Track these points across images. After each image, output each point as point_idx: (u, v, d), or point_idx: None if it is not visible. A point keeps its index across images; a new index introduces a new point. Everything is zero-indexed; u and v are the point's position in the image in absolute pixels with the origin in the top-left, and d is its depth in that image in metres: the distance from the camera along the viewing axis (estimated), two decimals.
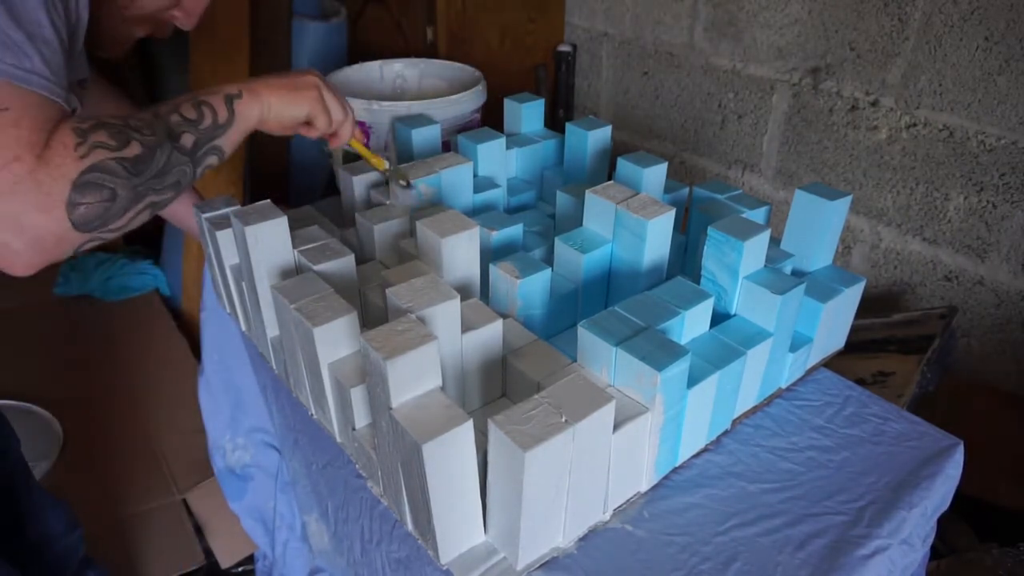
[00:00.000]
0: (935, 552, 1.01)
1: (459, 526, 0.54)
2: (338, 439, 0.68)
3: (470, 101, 1.07)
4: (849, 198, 0.72)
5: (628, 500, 0.62)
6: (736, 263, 0.65)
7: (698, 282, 0.69)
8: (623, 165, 0.82)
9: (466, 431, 0.49)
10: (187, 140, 0.63)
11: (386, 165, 0.85)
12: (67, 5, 0.60)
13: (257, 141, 1.56)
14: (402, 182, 0.80)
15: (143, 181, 0.59)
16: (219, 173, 1.59)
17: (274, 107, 0.72)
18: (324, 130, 0.79)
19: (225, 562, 1.37)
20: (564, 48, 1.84)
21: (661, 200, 0.71)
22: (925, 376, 1.13)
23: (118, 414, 1.56)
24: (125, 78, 1.87)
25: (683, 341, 0.63)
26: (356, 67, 1.20)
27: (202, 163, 0.66)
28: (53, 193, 0.53)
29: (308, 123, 0.78)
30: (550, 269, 0.69)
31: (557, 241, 0.73)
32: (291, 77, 0.75)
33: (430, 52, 1.64)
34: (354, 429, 0.63)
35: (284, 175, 1.77)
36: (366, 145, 0.88)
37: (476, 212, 0.86)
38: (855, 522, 0.61)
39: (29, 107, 0.54)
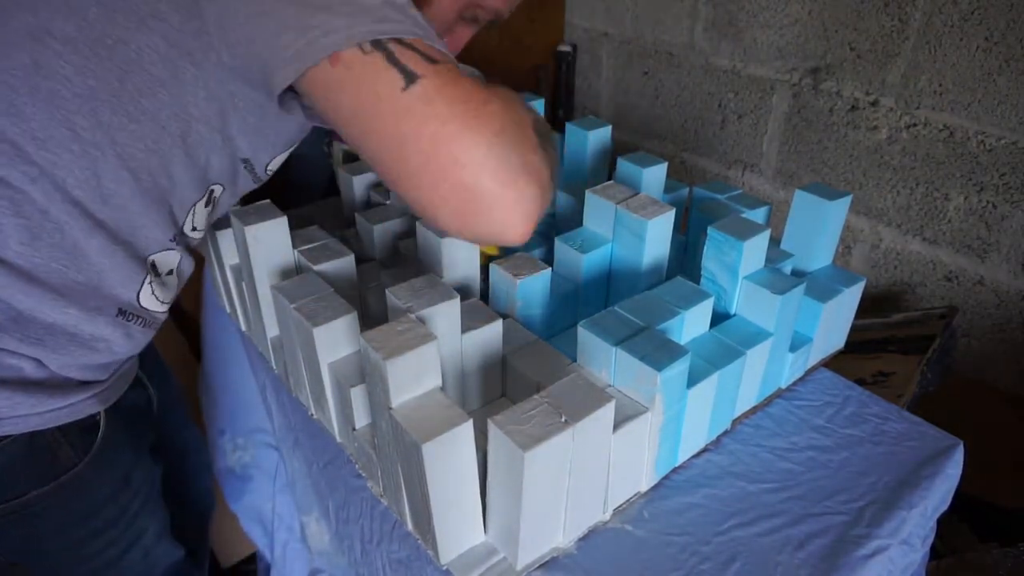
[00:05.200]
0: (935, 552, 1.01)
1: (459, 526, 0.54)
2: (338, 439, 0.68)
3: None
4: (849, 198, 0.72)
5: (628, 500, 0.62)
6: (736, 263, 0.65)
7: (698, 282, 0.69)
8: (623, 165, 0.82)
9: (466, 431, 0.49)
10: None
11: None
12: None
13: None
14: None
15: None
16: None
17: None
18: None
19: (225, 562, 1.37)
20: (564, 48, 1.84)
21: (661, 200, 0.71)
22: (925, 376, 1.13)
23: None
24: None
25: (683, 341, 0.63)
26: None
27: None
28: None
29: None
30: (550, 269, 0.69)
31: (557, 241, 0.73)
32: None
33: None
34: (354, 429, 0.63)
35: (284, 175, 1.77)
36: None
37: None
38: (855, 522, 0.61)
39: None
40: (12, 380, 0.58)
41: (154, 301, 0.65)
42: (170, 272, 0.66)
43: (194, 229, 0.66)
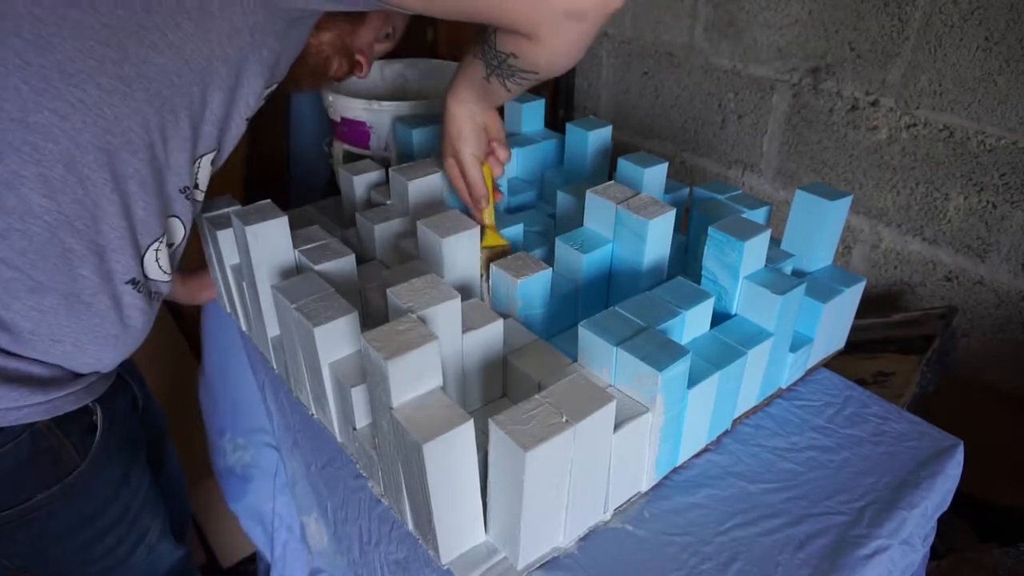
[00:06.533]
0: (935, 552, 1.01)
1: (460, 526, 0.54)
2: (338, 439, 0.68)
3: None
4: (849, 198, 0.72)
5: (629, 500, 0.62)
6: (737, 263, 0.65)
7: (698, 282, 0.69)
8: (624, 165, 0.82)
9: (467, 431, 0.49)
10: None
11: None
12: None
13: (257, 141, 1.56)
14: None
15: None
16: (219, 173, 1.59)
17: None
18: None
19: (225, 562, 1.37)
20: None
21: (662, 200, 0.71)
22: (925, 376, 1.13)
23: None
24: None
25: (684, 341, 0.63)
26: None
27: None
28: None
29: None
30: (550, 269, 0.69)
31: (558, 241, 0.73)
32: None
33: (430, 52, 1.64)
34: (355, 429, 0.63)
35: (284, 175, 1.77)
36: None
37: None
38: (855, 522, 0.61)
39: None
40: (16, 378, 0.58)
41: (158, 270, 0.65)
42: (171, 244, 0.67)
43: (196, 187, 0.66)
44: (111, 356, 0.65)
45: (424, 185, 0.80)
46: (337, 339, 0.61)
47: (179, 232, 0.66)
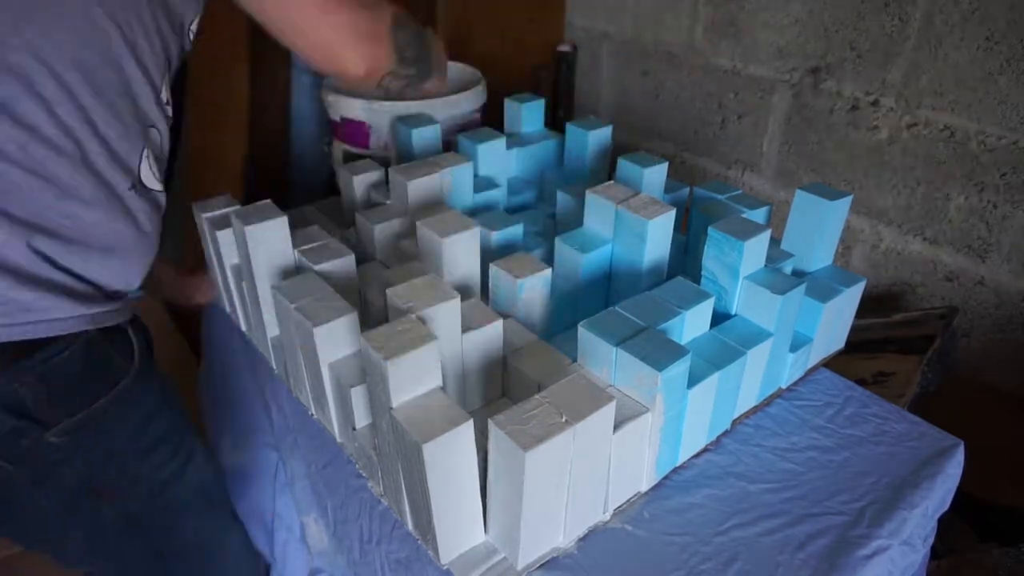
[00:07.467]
0: (935, 552, 1.01)
1: (459, 526, 0.54)
2: (338, 439, 0.68)
3: (470, 101, 1.06)
4: (849, 198, 0.72)
5: (628, 500, 0.62)
6: (736, 263, 0.65)
7: (698, 282, 0.69)
8: (623, 165, 0.82)
9: (466, 431, 0.49)
10: None
11: None
12: None
13: (257, 140, 1.56)
14: None
15: None
16: (219, 172, 1.59)
17: None
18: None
19: None
20: (564, 48, 1.83)
21: (662, 200, 0.71)
22: (925, 376, 1.13)
23: None
24: None
25: (683, 341, 0.63)
26: None
27: None
28: None
29: None
30: (550, 269, 0.69)
31: (557, 241, 0.73)
32: None
33: None
34: (354, 429, 0.63)
35: (284, 175, 1.77)
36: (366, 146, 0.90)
37: (476, 212, 0.86)
38: (855, 522, 0.61)
39: None
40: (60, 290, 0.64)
41: (152, 178, 0.70)
42: (157, 157, 0.72)
43: (167, 103, 0.72)
44: (132, 268, 0.71)
45: (424, 185, 0.80)
46: (337, 339, 0.61)
47: (157, 141, 0.72)
